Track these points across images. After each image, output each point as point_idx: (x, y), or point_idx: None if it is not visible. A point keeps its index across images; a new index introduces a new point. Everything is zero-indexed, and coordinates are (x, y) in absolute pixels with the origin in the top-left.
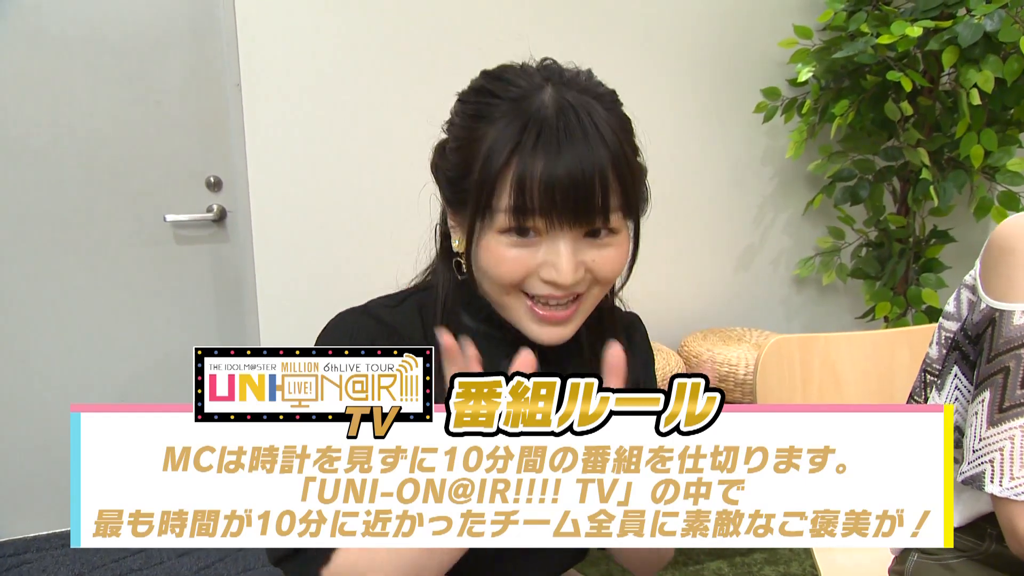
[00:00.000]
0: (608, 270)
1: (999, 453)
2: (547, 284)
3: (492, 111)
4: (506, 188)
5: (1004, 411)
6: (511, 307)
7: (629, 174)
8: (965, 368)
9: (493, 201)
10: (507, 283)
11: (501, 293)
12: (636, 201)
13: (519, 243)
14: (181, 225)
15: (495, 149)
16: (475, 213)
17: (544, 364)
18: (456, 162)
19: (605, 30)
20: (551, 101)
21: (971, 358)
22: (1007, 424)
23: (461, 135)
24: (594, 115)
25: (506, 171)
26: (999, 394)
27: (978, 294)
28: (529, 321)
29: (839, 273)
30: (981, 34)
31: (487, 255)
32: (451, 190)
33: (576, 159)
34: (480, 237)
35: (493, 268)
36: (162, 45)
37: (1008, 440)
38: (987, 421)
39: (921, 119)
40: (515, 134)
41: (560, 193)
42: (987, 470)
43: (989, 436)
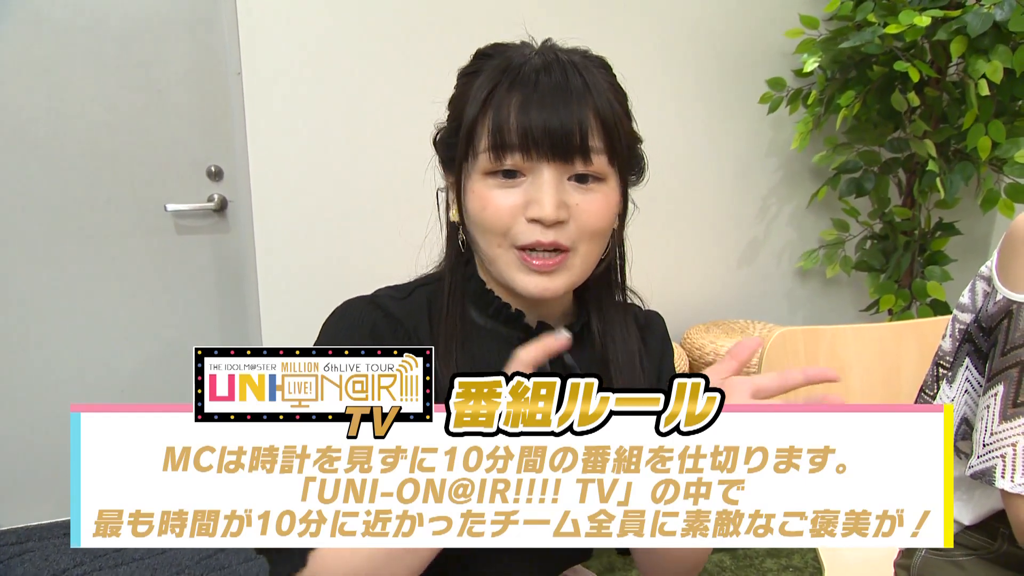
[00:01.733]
0: (594, 218)
1: (1011, 448)
2: (533, 224)
3: (482, 67)
4: (484, 128)
5: (1018, 406)
6: (501, 259)
7: (613, 121)
8: (977, 361)
9: (475, 143)
10: (496, 227)
11: (492, 244)
12: (623, 153)
13: (503, 184)
14: (182, 215)
15: (477, 93)
16: (461, 159)
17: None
18: (449, 122)
19: (609, 21)
20: (538, 58)
21: (984, 350)
22: (1021, 419)
23: (454, 95)
24: (581, 68)
25: (485, 111)
26: (1014, 388)
27: (994, 285)
28: (517, 271)
29: (843, 266)
30: (991, 24)
31: (474, 200)
32: (444, 150)
33: (555, 97)
34: (467, 184)
35: (480, 212)
36: (163, 34)
37: (1021, 435)
38: (1000, 416)
39: (928, 110)
40: (495, 77)
41: (536, 127)
42: (998, 465)
43: (1001, 431)
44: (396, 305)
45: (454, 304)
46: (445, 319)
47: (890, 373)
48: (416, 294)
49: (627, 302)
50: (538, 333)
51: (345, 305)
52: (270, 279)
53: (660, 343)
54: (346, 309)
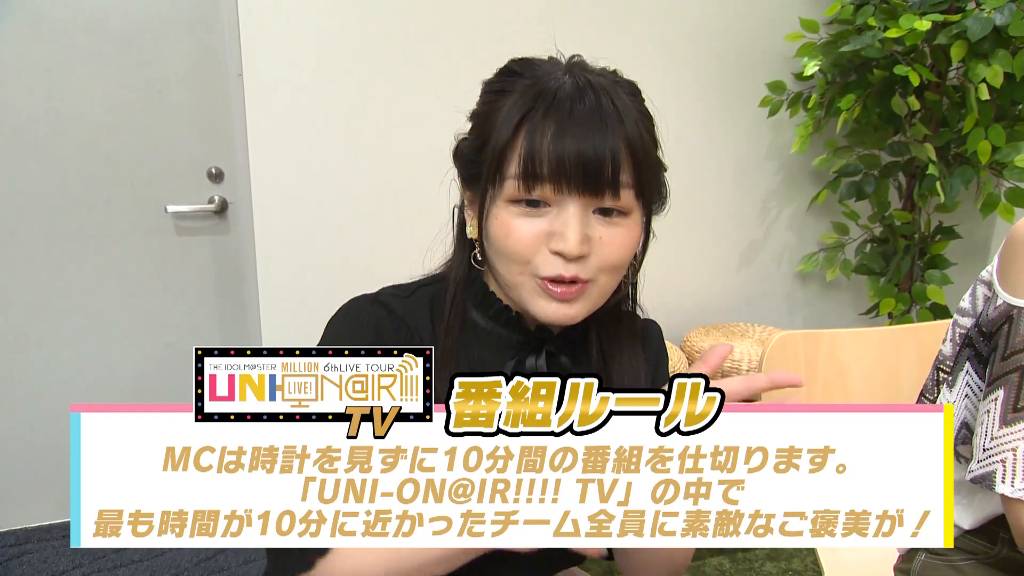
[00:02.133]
0: (616, 252)
1: (1011, 453)
2: (555, 256)
3: (512, 86)
4: (516, 155)
5: (1019, 410)
6: (520, 285)
7: (644, 155)
8: (977, 365)
9: (503, 168)
10: (517, 255)
11: (512, 271)
12: (650, 185)
13: (528, 213)
14: (182, 216)
15: (508, 117)
16: (486, 182)
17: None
18: (473, 138)
19: (610, 24)
20: (570, 79)
21: (984, 355)
22: (1021, 424)
23: (480, 110)
24: (613, 95)
25: (516, 138)
26: (1014, 393)
27: (995, 290)
28: (538, 297)
29: (843, 269)
30: (991, 28)
31: (497, 226)
32: (466, 167)
33: (589, 128)
34: (491, 208)
35: (503, 240)
36: (164, 34)
37: (1022, 440)
38: (1000, 420)
39: (928, 114)
40: (528, 102)
41: (570, 160)
42: (998, 470)
43: (1001, 435)
44: (399, 304)
45: (456, 304)
46: (448, 318)
47: (889, 377)
48: (419, 294)
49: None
50: (537, 336)
51: (349, 303)
52: (270, 281)
53: (655, 353)
54: (350, 307)
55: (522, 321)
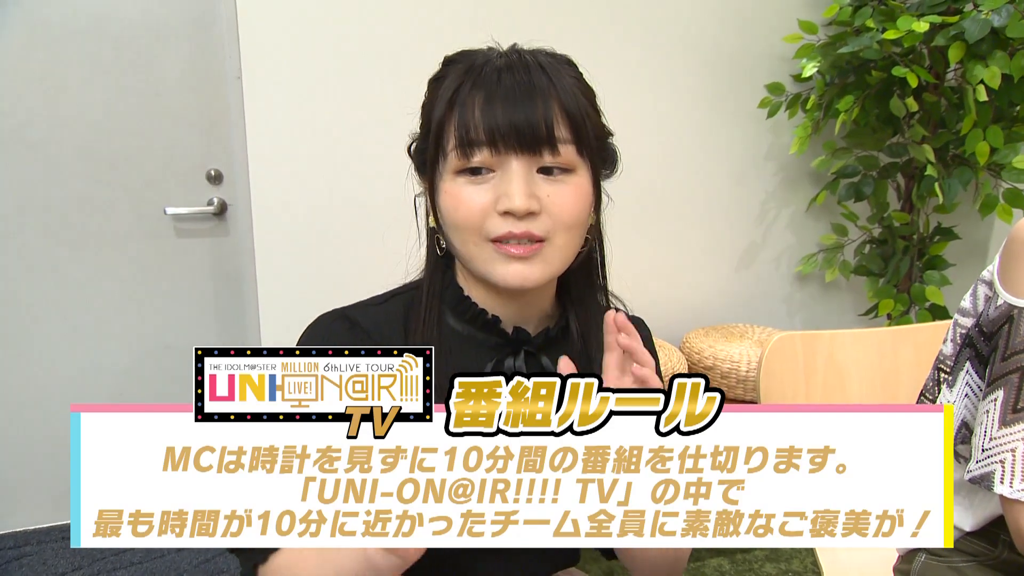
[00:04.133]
0: (566, 209)
1: (1011, 454)
2: (504, 218)
3: (449, 72)
4: (452, 128)
5: (1018, 411)
6: (477, 255)
7: (579, 112)
8: (977, 365)
9: (443, 143)
10: (468, 223)
11: (468, 243)
12: (590, 143)
13: (472, 180)
14: (181, 218)
15: (443, 95)
16: (431, 162)
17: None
18: (420, 129)
19: (609, 26)
20: (502, 59)
21: (984, 355)
22: (1021, 424)
23: (424, 101)
24: (545, 66)
25: (451, 111)
26: (1014, 394)
27: (995, 290)
28: (495, 263)
29: (842, 270)
30: (988, 30)
31: (446, 200)
32: (417, 155)
33: (518, 92)
34: (439, 186)
35: (452, 211)
36: (163, 37)
37: (1021, 441)
38: (999, 421)
39: (926, 115)
40: (459, 79)
41: (501, 121)
42: (997, 470)
43: (1001, 436)
44: (369, 313)
45: (432, 310)
46: (423, 325)
47: (888, 377)
48: (392, 302)
49: (609, 306)
50: (516, 338)
51: (315, 320)
52: (269, 283)
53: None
54: (315, 324)
55: (499, 325)
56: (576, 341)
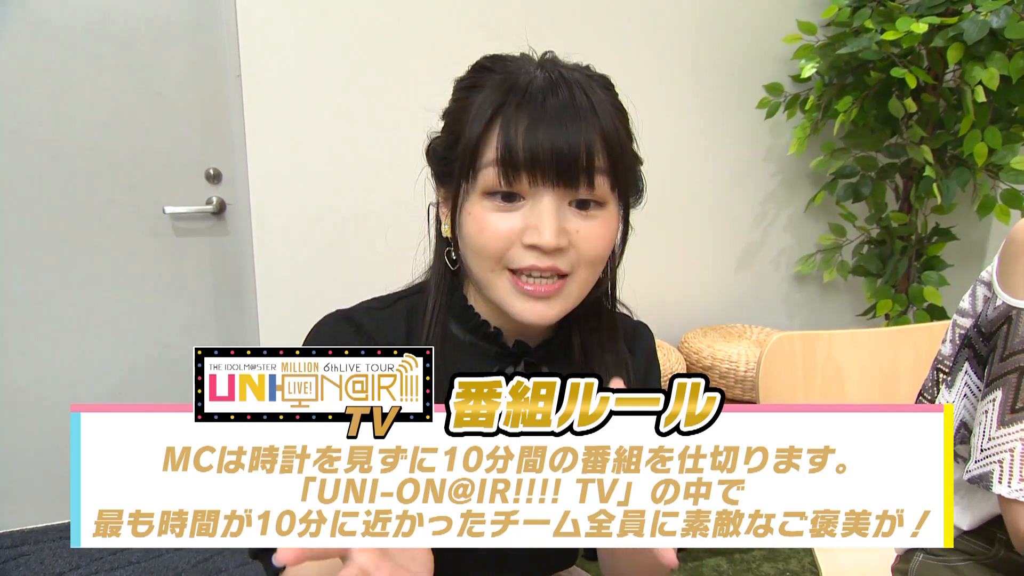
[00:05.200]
0: (593, 245)
1: (1009, 454)
2: (530, 250)
3: (483, 82)
4: (490, 148)
5: (1016, 411)
6: (495, 285)
7: (618, 146)
8: (976, 366)
9: (477, 162)
10: (491, 252)
11: (485, 268)
12: (625, 175)
13: (502, 207)
14: (180, 217)
15: (481, 112)
16: (459, 178)
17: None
18: (445, 135)
19: (608, 26)
20: (542, 74)
21: (983, 355)
22: (1019, 425)
23: (452, 107)
24: (586, 88)
25: (490, 131)
26: (1012, 394)
27: (994, 290)
28: (513, 296)
29: (840, 270)
30: (987, 31)
31: (471, 222)
32: (439, 164)
33: (562, 121)
34: (464, 204)
35: (476, 236)
36: (163, 36)
37: (1019, 441)
38: (998, 421)
39: (925, 116)
40: (500, 96)
41: (544, 151)
42: (995, 470)
43: (999, 436)
44: (374, 316)
45: (437, 318)
46: (427, 332)
47: (886, 378)
48: (397, 306)
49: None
50: (516, 350)
51: (320, 321)
52: (268, 282)
53: (646, 356)
54: (320, 325)
55: (500, 337)
56: (578, 356)
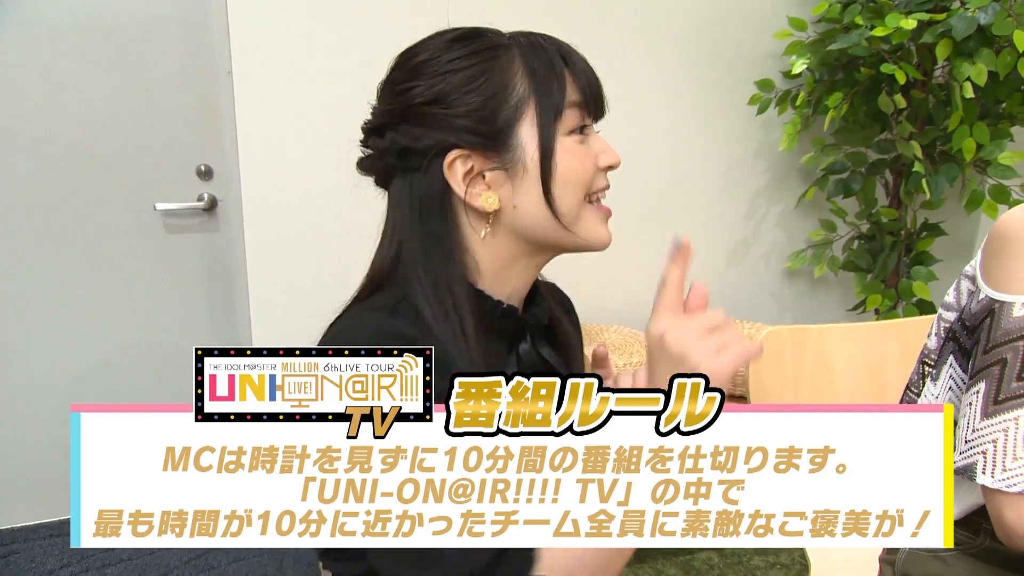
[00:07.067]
0: None
1: (992, 445)
2: (605, 172)
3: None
4: (573, 88)
5: (999, 403)
6: (584, 216)
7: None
8: (960, 359)
9: (559, 103)
10: (588, 178)
11: (578, 202)
12: None
13: (583, 139)
14: (171, 214)
15: (542, 60)
16: (547, 121)
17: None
18: (481, 99)
19: (600, 22)
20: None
21: (967, 349)
22: (1002, 416)
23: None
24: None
25: (563, 74)
26: (995, 386)
27: (978, 284)
28: (598, 223)
29: (831, 266)
30: (975, 27)
31: (571, 158)
32: (483, 129)
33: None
34: (556, 146)
35: (579, 168)
36: (154, 33)
37: (1002, 432)
38: (981, 412)
39: (914, 112)
40: (548, 49)
41: (597, 87)
42: (979, 461)
43: (983, 427)
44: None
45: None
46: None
47: (876, 371)
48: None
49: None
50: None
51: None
52: (260, 277)
53: (574, 317)
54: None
55: (514, 312)
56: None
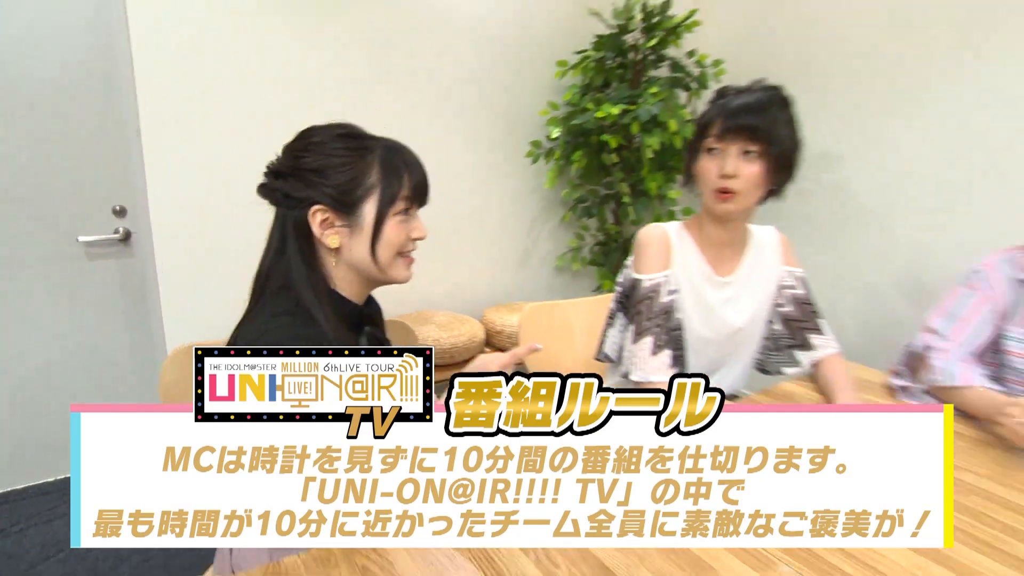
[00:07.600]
0: None
1: (635, 357)
2: (415, 240)
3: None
4: (405, 183)
5: (639, 334)
6: (395, 264)
7: None
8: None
9: (400, 192)
10: (404, 244)
11: (393, 257)
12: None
13: (406, 219)
14: (92, 244)
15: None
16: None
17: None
18: (345, 179)
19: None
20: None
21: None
22: (640, 341)
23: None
24: None
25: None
26: (636, 327)
27: (628, 269)
28: (404, 269)
29: (582, 263)
30: (651, 115)
31: (393, 231)
32: (341, 198)
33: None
34: (387, 222)
35: (398, 237)
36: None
37: (639, 349)
38: (631, 340)
39: (624, 164)
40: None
41: (424, 186)
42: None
43: (632, 349)
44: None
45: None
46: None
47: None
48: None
49: None
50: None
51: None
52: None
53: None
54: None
55: (351, 304)
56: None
